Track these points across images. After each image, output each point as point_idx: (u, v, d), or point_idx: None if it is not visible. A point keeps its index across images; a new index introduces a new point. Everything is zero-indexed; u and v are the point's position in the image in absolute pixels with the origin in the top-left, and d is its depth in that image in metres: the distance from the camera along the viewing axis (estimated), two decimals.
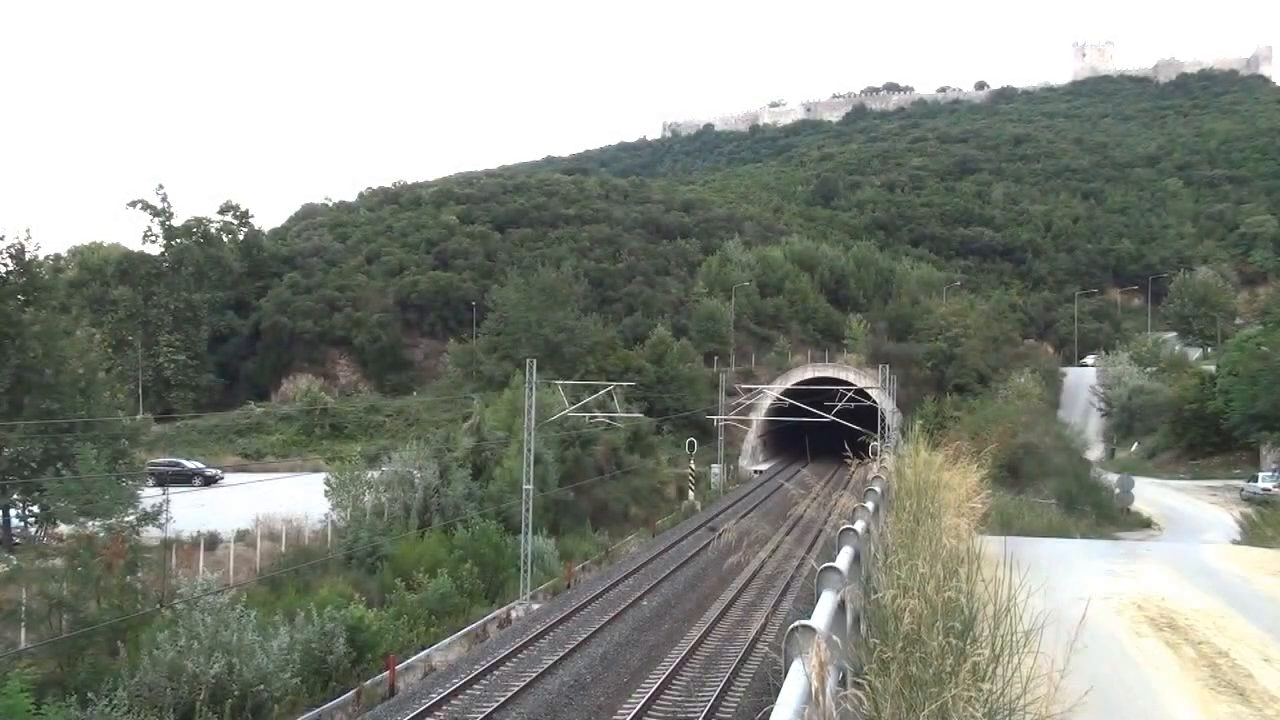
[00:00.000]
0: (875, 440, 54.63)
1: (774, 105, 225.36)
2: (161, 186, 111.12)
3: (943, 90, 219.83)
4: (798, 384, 70.39)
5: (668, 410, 66.10)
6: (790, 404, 63.62)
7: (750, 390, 69.30)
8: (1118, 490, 45.73)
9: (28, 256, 37.91)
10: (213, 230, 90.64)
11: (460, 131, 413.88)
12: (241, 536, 34.34)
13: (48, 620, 22.96)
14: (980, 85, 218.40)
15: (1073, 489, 43.50)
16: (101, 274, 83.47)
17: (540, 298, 74.76)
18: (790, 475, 63.80)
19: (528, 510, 33.71)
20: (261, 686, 21.07)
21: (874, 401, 62.53)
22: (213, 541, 33.05)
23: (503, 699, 21.19)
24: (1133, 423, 74.67)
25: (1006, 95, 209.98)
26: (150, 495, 30.46)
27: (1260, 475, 49.61)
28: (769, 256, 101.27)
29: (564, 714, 20.77)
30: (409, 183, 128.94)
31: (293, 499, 37.91)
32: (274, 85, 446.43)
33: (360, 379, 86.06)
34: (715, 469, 61.58)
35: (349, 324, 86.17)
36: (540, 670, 23.14)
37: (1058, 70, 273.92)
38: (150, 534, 28.42)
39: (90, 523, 26.04)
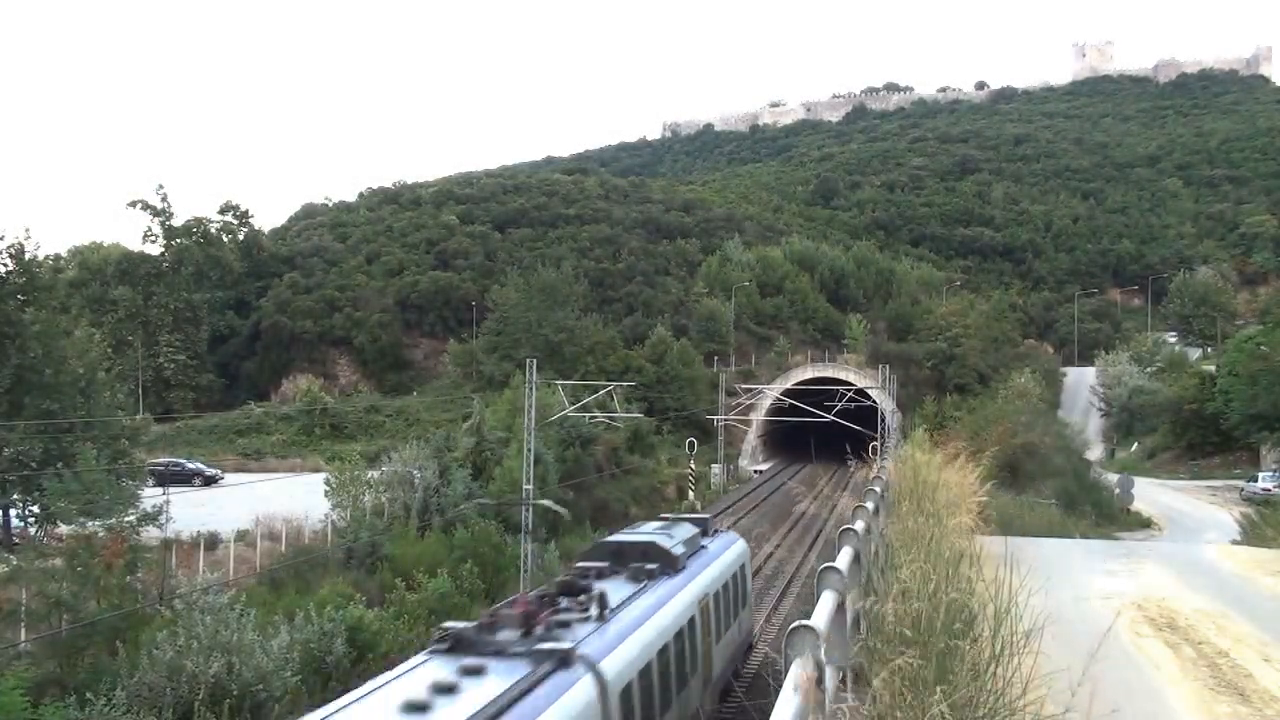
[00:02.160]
0: (875, 440, 54.79)
1: (774, 105, 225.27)
2: (161, 186, 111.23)
3: (943, 90, 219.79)
4: (798, 384, 70.40)
5: (668, 410, 66.10)
6: (790, 404, 63.64)
7: (750, 390, 69.31)
8: (1118, 490, 45.68)
9: (28, 256, 37.95)
10: (213, 230, 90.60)
11: (460, 131, 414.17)
12: (241, 536, 34.31)
13: (48, 620, 22.96)
14: (980, 85, 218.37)
15: (1073, 489, 43.47)
16: (101, 274, 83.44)
17: (540, 298, 74.76)
18: (791, 475, 63.79)
19: (528, 510, 33.69)
20: (261, 686, 21.06)
21: (874, 401, 62.56)
22: (213, 541, 33.03)
23: None
24: (1133, 423, 74.66)
25: (1006, 95, 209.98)
26: (150, 495, 30.45)
27: (1260, 475, 49.57)
28: (769, 256, 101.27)
29: None
30: (409, 183, 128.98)
31: (293, 499, 37.90)
32: (274, 85, 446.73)
33: (360, 379, 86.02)
34: (715, 469, 61.56)
35: (349, 324, 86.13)
36: None
37: (1058, 70, 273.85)
38: (150, 534, 28.41)
39: (90, 523, 26.03)
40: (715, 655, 16.79)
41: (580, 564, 15.76)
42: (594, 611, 12.01)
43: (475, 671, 9.32)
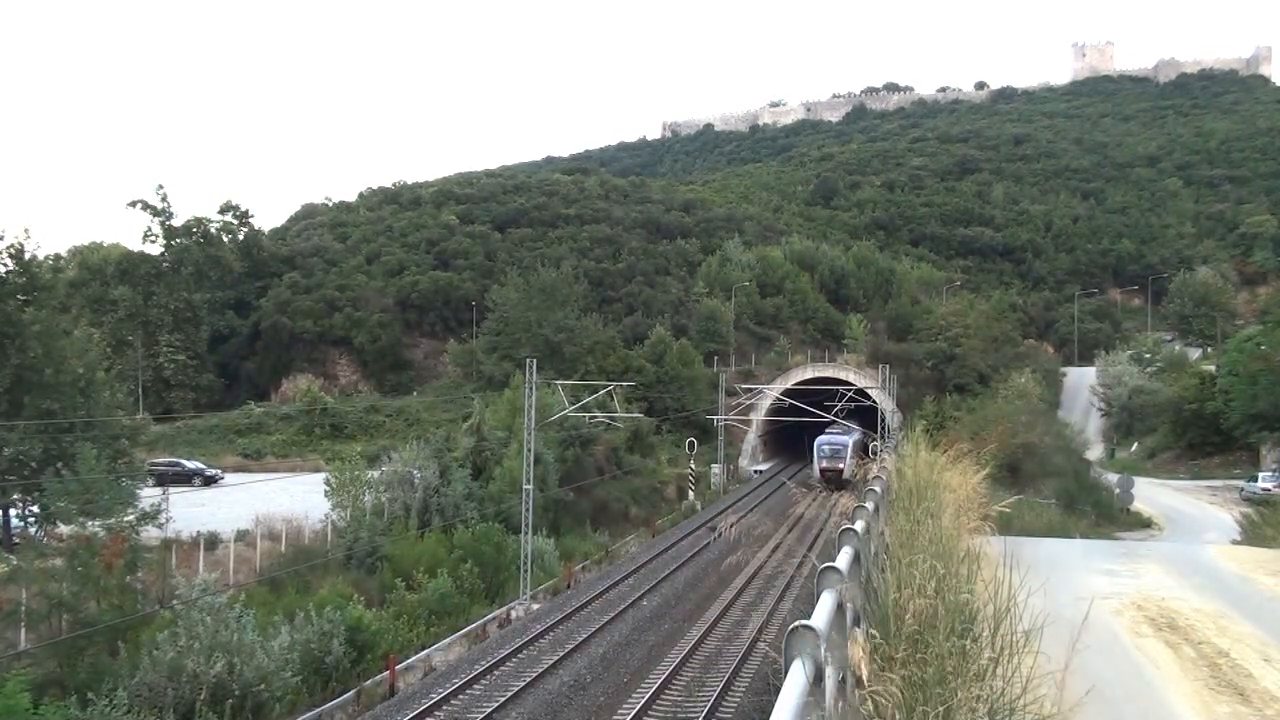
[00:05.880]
0: (875, 440, 54.79)
1: (774, 105, 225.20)
2: (161, 186, 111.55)
3: (943, 90, 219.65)
4: (798, 384, 70.35)
5: (668, 410, 66.08)
6: (790, 404, 63.58)
7: (750, 390, 69.23)
8: (1118, 490, 45.66)
9: (28, 256, 37.93)
10: (213, 230, 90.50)
11: (460, 131, 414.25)
12: (241, 536, 34.31)
13: (48, 620, 22.94)
14: (980, 85, 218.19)
15: (1073, 489, 43.48)
16: (101, 274, 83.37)
17: (540, 298, 74.70)
18: (791, 475, 63.76)
19: (528, 510, 33.69)
20: (262, 686, 21.07)
21: (874, 401, 62.57)
22: (213, 541, 33.02)
23: (503, 699, 21.19)
24: (1133, 423, 74.60)
25: (1006, 95, 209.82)
26: (150, 495, 30.42)
27: (1260, 475, 49.55)
28: (769, 256, 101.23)
29: (564, 714, 20.77)
30: (409, 183, 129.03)
31: (293, 499, 37.92)
32: (274, 85, 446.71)
33: (360, 379, 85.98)
34: (715, 469, 61.54)
35: (349, 324, 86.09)
36: (540, 670, 23.14)
37: (1058, 70, 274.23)
38: (150, 534, 28.39)
39: (90, 523, 26.00)
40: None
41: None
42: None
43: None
